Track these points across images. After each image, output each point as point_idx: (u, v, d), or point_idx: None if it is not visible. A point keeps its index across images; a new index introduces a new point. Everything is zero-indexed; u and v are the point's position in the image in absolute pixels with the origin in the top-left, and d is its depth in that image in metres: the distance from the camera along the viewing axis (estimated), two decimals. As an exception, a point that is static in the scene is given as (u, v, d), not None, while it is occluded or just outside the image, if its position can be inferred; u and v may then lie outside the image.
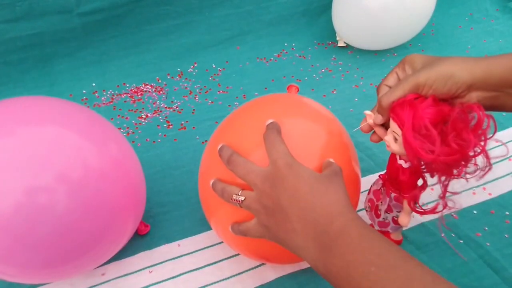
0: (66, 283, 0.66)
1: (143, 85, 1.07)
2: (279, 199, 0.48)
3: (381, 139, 0.56)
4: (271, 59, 1.16)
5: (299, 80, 1.08)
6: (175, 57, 1.15)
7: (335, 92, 1.03)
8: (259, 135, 0.52)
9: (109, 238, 0.59)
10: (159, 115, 0.98)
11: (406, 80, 0.50)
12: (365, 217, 0.68)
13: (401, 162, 0.57)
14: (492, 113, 0.52)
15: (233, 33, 1.20)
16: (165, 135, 0.93)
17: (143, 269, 0.68)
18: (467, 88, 0.48)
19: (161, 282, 0.66)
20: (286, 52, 1.18)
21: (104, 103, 1.02)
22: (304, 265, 0.67)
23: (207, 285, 0.66)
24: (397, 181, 0.58)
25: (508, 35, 1.21)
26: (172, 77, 1.10)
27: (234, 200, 0.52)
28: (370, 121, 0.55)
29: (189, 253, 0.70)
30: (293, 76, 1.09)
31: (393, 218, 0.63)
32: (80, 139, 0.56)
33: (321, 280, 0.47)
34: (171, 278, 0.67)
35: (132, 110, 1.00)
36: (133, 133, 0.94)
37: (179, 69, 1.12)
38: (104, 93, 1.05)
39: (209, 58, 1.16)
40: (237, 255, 0.69)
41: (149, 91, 1.05)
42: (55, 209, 0.51)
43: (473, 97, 0.49)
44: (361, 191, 0.64)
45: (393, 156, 0.58)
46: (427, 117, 0.48)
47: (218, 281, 0.66)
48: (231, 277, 0.67)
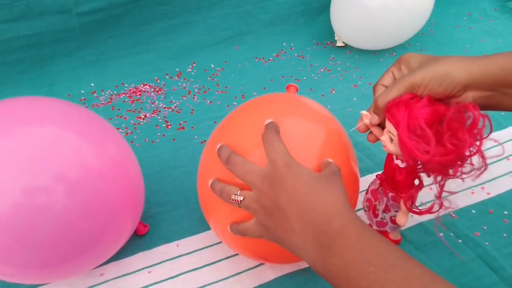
0: (64, 283, 0.66)
1: (141, 85, 1.07)
2: (278, 199, 0.48)
3: (377, 139, 0.56)
4: (269, 59, 1.16)
5: (298, 80, 1.08)
6: (173, 57, 1.15)
7: (333, 92, 1.04)
8: (258, 135, 0.52)
9: (108, 238, 0.59)
10: (157, 115, 0.98)
11: (402, 80, 0.50)
12: (363, 216, 0.68)
13: (397, 162, 0.57)
14: (491, 112, 0.52)
15: (232, 33, 1.20)
16: (163, 135, 0.93)
17: (142, 269, 0.68)
18: (463, 87, 0.48)
19: (160, 282, 0.66)
20: (285, 52, 1.18)
21: (102, 103, 1.02)
22: (303, 265, 0.67)
23: (206, 285, 0.66)
24: (394, 181, 0.58)
25: (506, 35, 1.21)
26: (171, 77, 1.10)
27: (232, 200, 0.52)
28: (367, 121, 0.55)
29: (188, 253, 0.70)
30: (291, 76, 1.09)
31: (391, 218, 0.63)
32: (79, 139, 0.56)
33: (320, 280, 0.47)
34: (170, 278, 0.67)
35: (130, 110, 1.00)
36: (131, 133, 0.94)
37: (177, 69, 1.12)
38: (103, 93, 1.05)
39: (208, 58, 1.16)
40: (236, 255, 0.69)
41: (147, 91, 1.05)
42: (54, 209, 0.51)
43: (469, 96, 0.49)
44: (360, 190, 0.64)
45: (389, 156, 0.58)
46: (422, 117, 0.48)
47: (217, 281, 0.66)
48: (230, 277, 0.67)
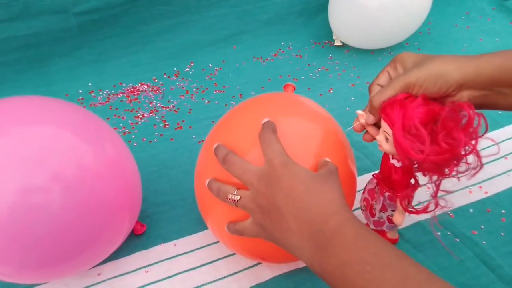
0: (62, 282, 0.66)
1: (139, 84, 1.07)
2: (274, 198, 0.48)
3: (374, 138, 0.56)
4: (267, 59, 1.16)
5: (296, 79, 1.08)
6: (171, 57, 1.15)
7: (331, 91, 1.04)
8: (255, 134, 0.51)
9: (105, 237, 0.59)
10: (155, 114, 0.98)
11: (397, 79, 0.50)
12: (360, 216, 0.68)
13: (393, 162, 0.57)
14: (488, 111, 0.52)
15: (230, 32, 1.20)
16: (161, 134, 0.93)
17: (139, 268, 0.68)
18: (457, 87, 0.48)
19: (157, 281, 0.66)
20: (283, 52, 1.18)
21: (100, 103, 1.02)
22: (300, 264, 0.67)
23: (203, 285, 0.66)
24: (390, 181, 0.58)
25: (504, 34, 1.21)
26: (169, 77, 1.10)
27: (229, 199, 0.52)
28: (362, 120, 0.55)
29: (185, 253, 0.70)
30: (289, 75, 1.09)
31: (387, 217, 0.63)
32: (76, 138, 0.55)
33: (318, 279, 0.47)
34: (167, 277, 0.67)
35: (128, 109, 1.00)
36: (129, 132, 0.94)
37: (175, 69, 1.12)
38: (101, 93, 1.05)
39: (206, 58, 1.15)
40: (233, 254, 0.69)
41: (145, 91, 1.05)
42: (51, 209, 0.51)
43: (464, 96, 0.49)
44: (357, 190, 0.64)
45: (386, 155, 0.58)
46: (417, 117, 0.48)
47: (214, 281, 0.66)
48: (227, 276, 0.67)
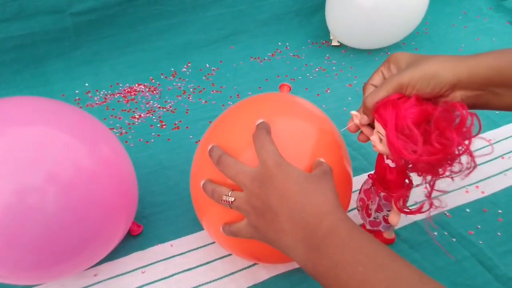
0: (58, 283, 0.66)
1: (136, 85, 1.07)
2: (268, 199, 0.48)
3: (368, 138, 0.56)
4: (265, 59, 1.16)
5: (293, 79, 1.08)
6: (168, 57, 1.14)
7: (328, 91, 1.03)
8: (249, 135, 0.51)
9: (101, 238, 0.59)
10: (152, 115, 0.98)
11: (390, 80, 0.50)
12: (357, 216, 0.68)
13: (388, 162, 0.57)
14: (486, 111, 0.52)
15: (227, 32, 1.20)
16: (158, 135, 0.93)
17: (136, 269, 0.68)
18: (450, 87, 0.48)
19: (153, 282, 0.66)
20: (280, 52, 1.18)
21: (97, 103, 1.02)
22: (296, 265, 0.67)
23: (200, 285, 0.66)
24: (385, 181, 0.58)
25: (501, 34, 1.21)
26: (166, 77, 1.10)
27: (224, 201, 0.52)
28: (357, 121, 0.55)
29: (182, 253, 0.70)
30: (287, 76, 1.09)
31: (383, 217, 0.63)
32: (72, 139, 0.55)
33: (314, 279, 0.47)
34: (163, 278, 0.67)
35: (125, 110, 1.00)
36: (126, 133, 0.94)
37: (172, 69, 1.12)
38: (97, 93, 1.04)
39: (203, 58, 1.15)
40: (230, 255, 0.69)
41: (142, 91, 1.05)
42: (46, 209, 0.51)
43: (457, 96, 0.49)
44: (354, 190, 0.64)
45: (380, 155, 0.58)
46: (409, 117, 0.48)
47: (211, 281, 0.66)
48: (224, 277, 0.67)
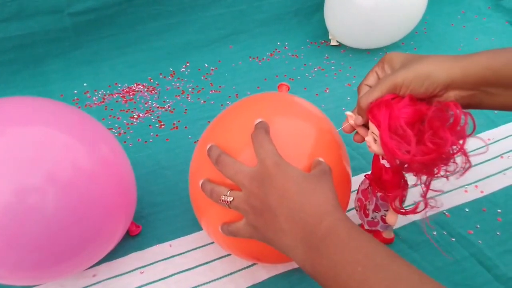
0: (57, 284, 0.66)
1: (135, 85, 1.07)
2: (267, 199, 0.48)
3: (364, 139, 0.56)
4: (263, 58, 1.16)
5: (292, 79, 1.08)
6: (167, 57, 1.14)
7: (327, 91, 1.03)
8: (248, 135, 0.51)
9: (100, 239, 0.59)
10: (151, 115, 0.98)
11: (384, 81, 0.50)
12: (355, 216, 0.68)
13: (383, 162, 0.56)
14: (485, 111, 0.52)
15: (226, 32, 1.19)
16: (157, 135, 0.93)
17: (135, 269, 0.68)
18: (444, 87, 0.48)
19: (152, 282, 0.66)
20: (279, 51, 1.18)
21: (95, 103, 1.01)
22: (296, 265, 0.66)
23: (199, 285, 0.66)
24: (381, 181, 0.58)
25: (500, 33, 1.21)
26: (164, 77, 1.09)
27: (222, 200, 0.51)
28: (352, 121, 0.55)
29: (181, 253, 0.70)
30: (286, 75, 1.09)
31: (381, 217, 0.62)
32: (71, 139, 0.55)
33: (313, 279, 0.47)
34: (162, 278, 0.67)
35: (123, 110, 0.99)
36: (124, 133, 0.93)
37: (171, 69, 1.12)
38: (96, 93, 1.04)
39: (202, 58, 1.15)
40: (229, 255, 0.69)
41: (141, 91, 1.05)
42: (45, 209, 0.51)
43: (450, 96, 0.49)
44: (353, 189, 0.64)
45: (376, 156, 0.58)
46: (403, 117, 0.48)
47: (210, 281, 0.66)
48: (223, 277, 0.67)
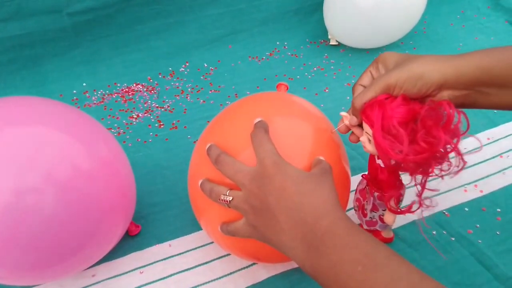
0: (56, 284, 0.66)
1: (134, 84, 1.07)
2: (266, 198, 0.47)
3: (359, 139, 0.56)
4: (263, 58, 1.16)
5: (291, 79, 1.08)
6: (166, 56, 1.14)
7: (327, 91, 1.03)
8: (247, 134, 0.51)
9: (99, 239, 0.59)
10: (150, 114, 0.98)
11: (377, 81, 0.50)
12: (354, 216, 0.68)
13: (379, 162, 0.56)
14: (484, 110, 0.52)
15: (225, 32, 1.19)
16: (156, 134, 0.93)
17: (134, 269, 0.68)
18: (437, 87, 0.48)
19: (152, 282, 0.66)
20: (278, 51, 1.18)
21: (94, 103, 1.01)
22: (295, 264, 0.67)
23: (198, 285, 0.65)
24: (377, 181, 0.58)
25: (499, 33, 1.21)
26: (164, 77, 1.09)
27: (222, 200, 0.51)
28: (346, 122, 0.55)
29: (180, 253, 0.70)
30: (285, 75, 1.09)
31: (379, 217, 0.63)
32: (69, 139, 0.55)
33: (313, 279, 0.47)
34: (162, 278, 0.67)
35: (123, 110, 0.99)
36: (124, 133, 0.93)
37: (170, 68, 1.12)
38: (95, 93, 1.04)
39: (201, 57, 1.15)
40: (229, 255, 0.69)
41: (140, 91, 1.05)
42: (45, 210, 0.51)
43: (444, 96, 0.49)
44: (352, 189, 0.64)
45: (372, 156, 0.58)
46: (396, 117, 0.48)
47: (209, 281, 0.66)
48: (223, 277, 0.66)
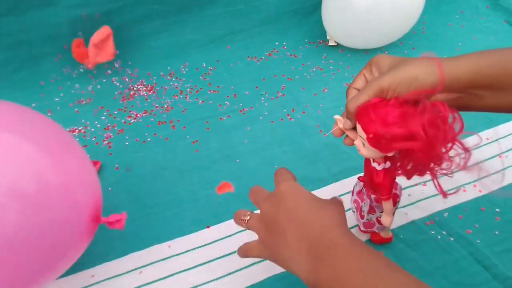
0: (54, 285, 0.66)
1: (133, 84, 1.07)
2: (278, 216, 0.51)
3: (353, 142, 0.56)
4: (262, 58, 1.15)
5: (290, 79, 1.07)
6: (165, 56, 1.14)
7: (326, 91, 1.03)
8: None
9: (62, 253, 0.55)
10: (149, 114, 0.98)
11: (371, 84, 0.50)
12: (352, 217, 0.68)
13: (374, 165, 0.56)
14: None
15: (224, 32, 1.19)
16: (155, 134, 0.93)
17: (133, 270, 0.68)
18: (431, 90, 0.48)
19: (151, 283, 0.66)
20: (277, 51, 1.18)
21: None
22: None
23: (197, 286, 0.65)
24: (373, 183, 0.58)
25: (498, 32, 1.21)
26: (163, 75, 1.09)
27: (241, 220, 0.56)
28: (341, 125, 0.55)
29: (179, 254, 0.70)
30: (284, 75, 1.09)
31: (377, 219, 0.63)
32: (33, 150, 0.51)
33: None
34: (161, 279, 0.67)
35: (121, 109, 0.99)
36: (122, 132, 0.93)
37: (169, 68, 1.11)
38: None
39: (200, 57, 1.15)
40: (228, 255, 0.69)
41: (139, 91, 1.05)
42: (4, 224, 0.46)
43: (438, 98, 0.49)
44: (348, 191, 0.64)
45: (367, 159, 0.58)
46: (391, 117, 0.48)
47: (208, 282, 0.66)
48: (222, 277, 0.66)
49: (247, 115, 0.97)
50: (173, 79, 1.09)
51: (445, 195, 0.52)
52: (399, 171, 0.54)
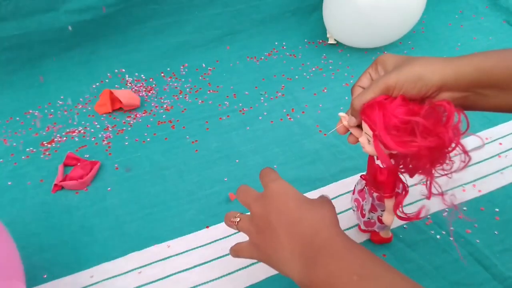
0: (54, 286, 0.66)
1: (132, 84, 1.07)
2: (268, 216, 0.50)
3: (358, 140, 0.56)
4: (261, 58, 1.15)
5: (290, 79, 1.07)
6: (165, 57, 1.14)
7: (325, 91, 1.03)
8: None
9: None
10: (149, 114, 0.98)
11: (376, 82, 0.50)
12: (352, 216, 0.68)
13: (378, 163, 0.56)
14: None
15: (223, 32, 1.19)
16: (154, 134, 0.93)
17: (132, 270, 0.68)
18: (437, 89, 0.48)
19: (150, 283, 0.66)
20: (277, 51, 1.18)
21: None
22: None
23: (197, 286, 0.65)
24: (376, 182, 0.58)
25: (497, 32, 1.21)
26: (163, 75, 1.09)
27: (231, 222, 0.55)
28: (345, 123, 0.55)
29: (179, 254, 0.70)
30: (283, 75, 1.09)
31: (378, 217, 0.62)
32: None
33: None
34: (160, 279, 0.66)
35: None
36: (122, 133, 0.93)
37: (169, 69, 1.11)
38: (93, 93, 1.04)
39: (199, 57, 1.15)
40: (228, 255, 0.69)
41: (138, 91, 1.05)
42: None
43: (443, 97, 0.49)
44: (349, 190, 0.64)
45: (371, 156, 0.58)
46: (397, 116, 0.48)
47: (208, 281, 0.66)
48: (221, 277, 0.66)
49: (246, 115, 0.97)
50: (173, 79, 1.09)
51: (430, 196, 0.53)
52: (403, 169, 0.54)
